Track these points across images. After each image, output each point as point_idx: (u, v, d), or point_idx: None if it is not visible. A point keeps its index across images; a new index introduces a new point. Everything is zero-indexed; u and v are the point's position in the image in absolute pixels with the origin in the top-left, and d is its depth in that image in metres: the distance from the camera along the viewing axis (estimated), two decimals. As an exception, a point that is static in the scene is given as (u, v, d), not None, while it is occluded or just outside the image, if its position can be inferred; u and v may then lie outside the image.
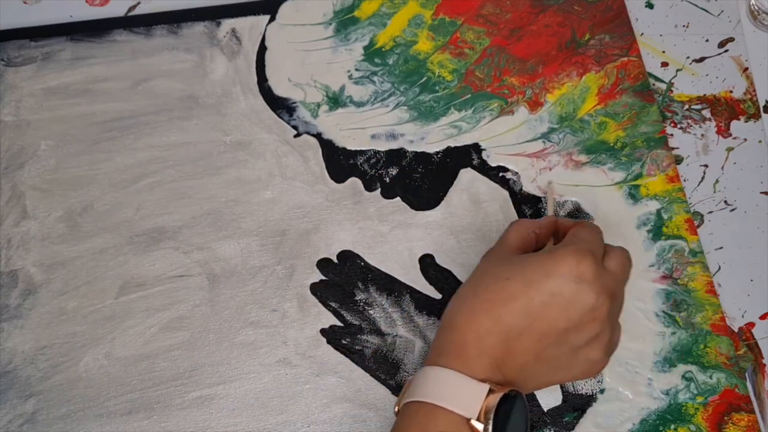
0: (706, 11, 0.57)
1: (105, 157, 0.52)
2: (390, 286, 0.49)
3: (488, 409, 0.35)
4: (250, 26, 0.56)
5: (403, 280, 0.49)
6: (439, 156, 0.52)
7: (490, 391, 0.35)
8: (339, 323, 0.48)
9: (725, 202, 0.51)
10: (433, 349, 0.39)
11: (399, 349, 0.47)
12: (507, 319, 0.37)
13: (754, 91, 0.54)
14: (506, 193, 0.51)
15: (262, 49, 0.56)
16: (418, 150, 0.52)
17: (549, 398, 0.45)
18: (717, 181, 0.52)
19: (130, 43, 0.56)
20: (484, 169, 0.52)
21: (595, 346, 0.38)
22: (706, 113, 0.54)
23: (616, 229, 0.50)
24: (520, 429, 0.37)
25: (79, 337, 0.47)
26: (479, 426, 0.35)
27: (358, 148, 0.52)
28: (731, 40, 0.56)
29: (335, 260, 0.49)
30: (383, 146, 0.52)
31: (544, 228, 0.43)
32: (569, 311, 0.36)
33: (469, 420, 0.35)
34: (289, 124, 0.53)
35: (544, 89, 0.54)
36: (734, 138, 0.53)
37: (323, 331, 0.48)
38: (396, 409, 0.38)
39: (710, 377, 0.46)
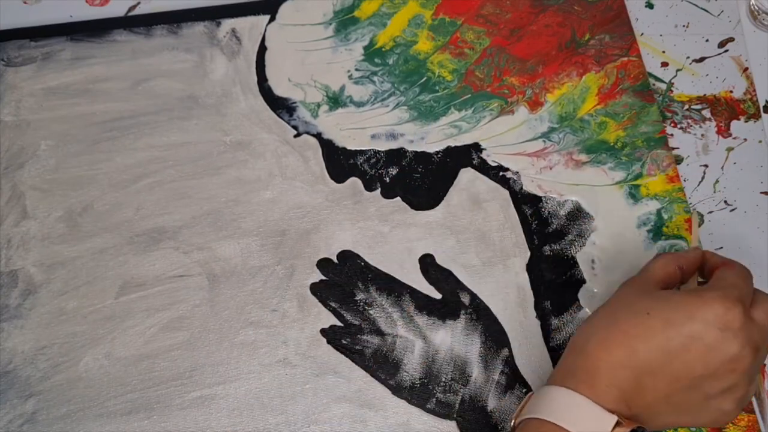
0: (706, 11, 0.57)
1: (105, 157, 0.52)
2: (390, 286, 0.49)
3: None
4: (250, 26, 0.56)
5: (403, 280, 0.49)
6: (439, 156, 0.52)
7: (618, 424, 0.35)
8: (339, 323, 0.48)
9: (725, 202, 0.51)
10: (559, 371, 0.38)
11: (399, 349, 0.47)
12: (642, 355, 0.36)
13: (754, 91, 0.54)
14: (506, 193, 0.51)
15: (262, 49, 0.56)
16: (418, 150, 0.52)
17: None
18: (717, 181, 0.52)
19: (130, 43, 0.56)
20: (485, 168, 0.52)
21: (728, 397, 0.36)
22: (706, 113, 0.54)
23: (616, 229, 0.50)
24: None
25: (79, 337, 0.47)
26: None
27: (358, 148, 0.52)
28: (731, 40, 0.56)
29: (335, 260, 0.49)
30: (383, 146, 0.52)
31: (690, 263, 0.41)
32: (708, 358, 0.35)
33: None
34: (289, 124, 0.53)
35: (544, 89, 0.54)
36: (734, 138, 0.53)
37: (323, 331, 0.48)
38: (513, 423, 0.37)
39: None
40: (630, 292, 0.39)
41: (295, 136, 0.53)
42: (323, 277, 0.49)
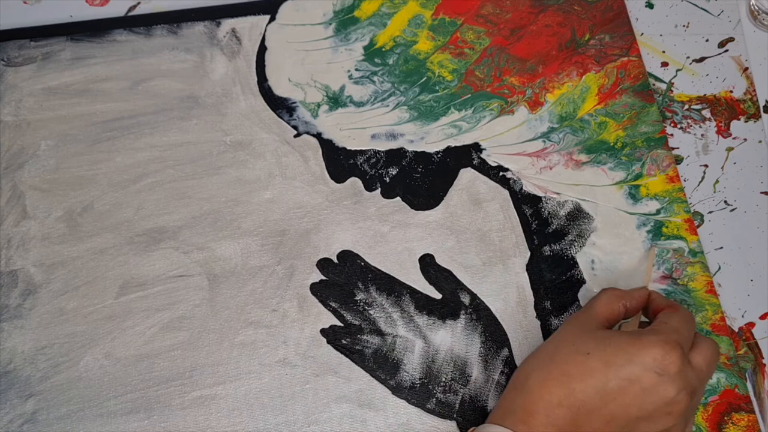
0: (706, 11, 0.57)
1: (105, 157, 0.52)
2: (390, 286, 0.49)
3: None
4: (250, 26, 0.56)
5: (403, 280, 0.49)
6: (439, 156, 0.52)
7: None
8: (339, 323, 0.48)
9: (725, 202, 0.51)
10: (499, 407, 0.39)
11: (399, 349, 0.47)
12: (580, 396, 0.36)
13: (754, 91, 0.54)
14: (506, 193, 0.51)
15: (262, 49, 0.56)
16: (418, 150, 0.52)
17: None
18: (717, 181, 0.52)
19: (130, 43, 0.56)
20: (484, 168, 0.52)
21: None
22: (706, 113, 0.54)
23: (616, 229, 0.50)
24: None
25: (79, 337, 0.47)
26: None
27: (358, 148, 0.52)
28: (731, 40, 0.56)
29: (335, 260, 0.49)
30: (383, 146, 0.52)
31: (635, 302, 0.41)
32: (645, 401, 0.36)
33: None
34: (289, 124, 0.53)
35: (544, 89, 0.54)
36: (734, 138, 0.53)
37: (323, 331, 0.48)
38: None
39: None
40: (572, 330, 0.39)
41: (295, 136, 0.53)
42: (323, 277, 0.49)
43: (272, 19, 0.56)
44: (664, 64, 0.55)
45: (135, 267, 0.49)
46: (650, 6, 0.57)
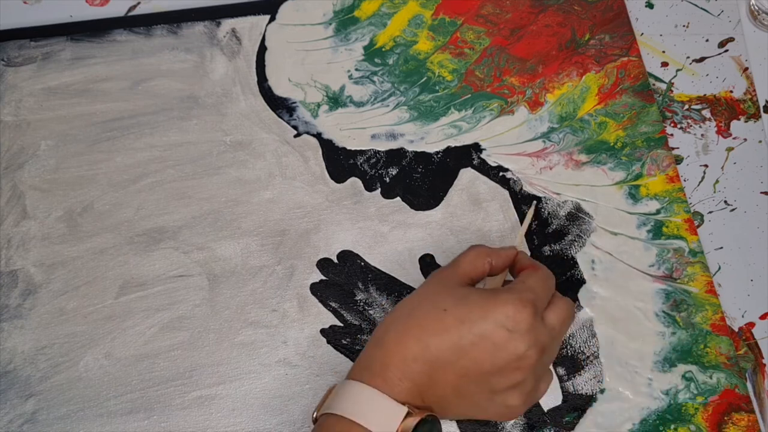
0: (706, 11, 0.57)
1: (105, 157, 0.52)
2: (390, 286, 0.49)
3: (405, 430, 0.36)
4: (250, 26, 0.56)
5: (403, 280, 0.49)
6: (439, 156, 0.52)
7: (408, 414, 0.36)
8: (339, 323, 0.48)
9: (725, 202, 0.51)
10: (358, 363, 0.39)
11: (399, 349, 0.47)
12: (434, 351, 0.37)
13: (754, 91, 0.54)
14: (506, 193, 0.51)
15: (262, 49, 0.56)
16: (418, 150, 0.52)
17: (549, 398, 0.45)
18: (717, 181, 0.52)
19: (130, 43, 0.56)
20: (484, 168, 0.52)
21: (513, 394, 0.38)
22: (706, 113, 0.54)
23: (616, 229, 0.50)
24: None
25: (79, 337, 0.47)
26: None
27: (358, 148, 0.52)
28: (731, 40, 0.56)
29: (335, 260, 0.49)
30: (383, 146, 0.52)
31: (501, 259, 0.42)
32: (495, 356, 0.37)
33: None
34: (289, 124, 0.53)
35: (544, 89, 0.54)
36: (734, 138, 0.53)
37: (323, 331, 0.48)
38: (314, 416, 0.38)
39: (710, 377, 0.46)
40: (433, 286, 0.40)
41: (295, 136, 0.53)
42: (323, 277, 0.49)
43: (272, 19, 0.56)
44: (664, 64, 0.55)
45: (135, 267, 0.49)
46: (650, 6, 0.57)
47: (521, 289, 0.39)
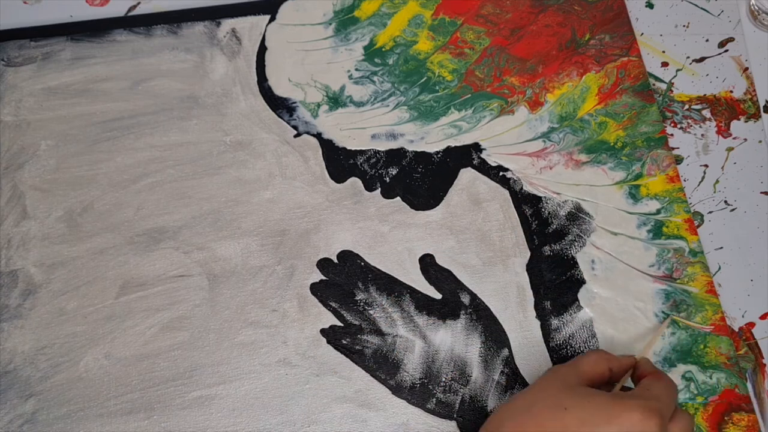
0: (706, 11, 0.57)
1: (105, 157, 0.52)
2: (390, 286, 0.49)
3: None
4: (250, 26, 0.56)
5: (403, 280, 0.49)
6: (439, 156, 0.52)
7: None
8: (339, 323, 0.48)
9: (725, 202, 0.51)
10: None
11: (399, 349, 0.47)
12: None
13: (754, 91, 0.54)
14: (506, 193, 0.51)
15: (262, 49, 0.56)
16: (418, 150, 0.52)
17: (549, 398, 0.45)
18: (717, 181, 0.52)
19: (130, 43, 0.56)
20: (485, 168, 0.52)
21: None
22: (706, 113, 0.54)
23: (616, 229, 0.50)
24: None
25: (79, 337, 0.47)
26: None
27: (358, 148, 0.52)
28: (731, 40, 0.56)
29: (335, 260, 0.49)
30: (383, 146, 0.52)
31: (622, 367, 0.41)
32: None
33: None
34: (289, 124, 0.53)
35: (545, 89, 0.54)
36: (734, 138, 0.53)
37: (323, 331, 0.48)
38: None
39: (710, 377, 0.46)
40: (554, 382, 0.39)
41: (295, 136, 0.53)
42: (323, 277, 0.49)
43: (272, 19, 0.56)
44: (664, 64, 0.55)
45: (135, 267, 0.49)
46: (650, 6, 0.57)
47: (647, 396, 0.37)
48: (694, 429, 0.39)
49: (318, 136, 0.53)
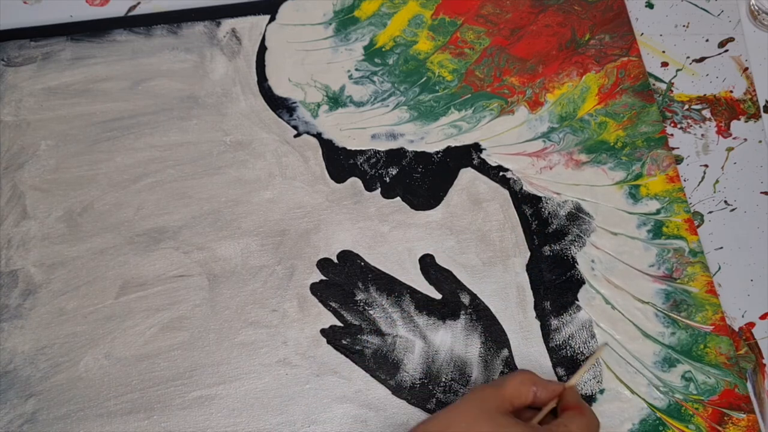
0: (706, 11, 0.57)
1: (105, 157, 0.52)
2: (390, 286, 0.49)
3: None
4: (250, 26, 0.56)
5: (403, 280, 0.49)
6: (439, 156, 0.52)
7: None
8: (339, 323, 0.48)
9: (725, 202, 0.51)
10: None
11: (399, 349, 0.47)
12: None
13: (754, 91, 0.54)
14: (506, 193, 0.51)
15: (262, 49, 0.56)
16: (418, 150, 0.52)
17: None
18: (717, 181, 0.52)
19: (130, 43, 0.56)
20: (485, 168, 0.52)
21: None
22: (706, 113, 0.54)
23: (616, 229, 0.50)
24: None
25: (79, 337, 0.47)
26: None
27: (358, 148, 0.52)
28: (731, 40, 0.56)
29: (335, 260, 0.49)
30: (383, 146, 0.52)
31: (547, 392, 0.40)
32: None
33: None
34: (289, 124, 0.53)
35: (545, 89, 0.54)
36: (734, 138, 0.53)
37: (323, 331, 0.48)
38: None
39: (710, 377, 0.46)
40: (472, 407, 0.38)
41: (295, 136, 0.53)
42: (323, 277, 0.49)
43: (272, 19, 0.56)
44: (664, 64, 0.55)
45: (135, 267, 0.49)
46: (650, 6, 0.57)
47: None
48: None
49: (318, 136, 0.53)
